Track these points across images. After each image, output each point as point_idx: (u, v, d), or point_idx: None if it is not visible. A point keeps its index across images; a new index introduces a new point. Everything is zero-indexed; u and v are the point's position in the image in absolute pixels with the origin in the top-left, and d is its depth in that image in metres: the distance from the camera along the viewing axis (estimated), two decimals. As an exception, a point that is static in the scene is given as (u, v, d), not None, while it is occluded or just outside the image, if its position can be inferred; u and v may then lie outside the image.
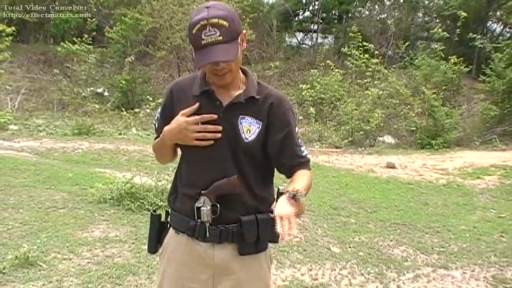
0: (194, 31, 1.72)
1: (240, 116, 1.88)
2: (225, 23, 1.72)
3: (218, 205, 1.86)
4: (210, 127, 1.85)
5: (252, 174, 1.91)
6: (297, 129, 1.97)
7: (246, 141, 1.87)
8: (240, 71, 1.93)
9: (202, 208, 1.86)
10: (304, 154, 1.97)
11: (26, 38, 16.60)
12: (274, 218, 1.94)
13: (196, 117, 1.85)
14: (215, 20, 1.70)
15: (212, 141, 1.86)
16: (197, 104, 1.87)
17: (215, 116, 1.85)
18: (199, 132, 1.85)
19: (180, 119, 1.87)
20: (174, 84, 2.03)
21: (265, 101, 1.91)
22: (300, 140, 1.98)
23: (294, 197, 1.70)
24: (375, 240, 5.28)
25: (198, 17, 1.72)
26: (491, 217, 6.37)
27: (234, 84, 1.90)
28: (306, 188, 1.83)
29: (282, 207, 1.67)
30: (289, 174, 1.94)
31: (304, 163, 1.96)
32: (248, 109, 1.89)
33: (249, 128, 1.88)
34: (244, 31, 1.87)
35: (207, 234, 1.89)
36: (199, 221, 1.89)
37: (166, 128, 1.93)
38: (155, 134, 2.06)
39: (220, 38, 1.71)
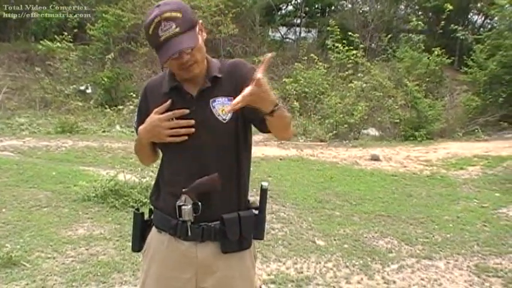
0: (151, 31, 1.75)
1: (211, 100, 1.87)
2: (178, 14, 1.74)
3: (200, 203, 1.84)
4: (182, 122, 1.84)
5: (231, 166, 1.89)
6: None
7: (225, 121, 1.86)
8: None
9: (183, 207, 1.84)
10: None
11: (7, 36, 16.39)
12: (257, 214, 1.95)
13: (168, 113, 1.85)
14: (168, 14, 1.72)
15: (186, 137, 1.85)
16: (169, 101, 1.87)
17: (187, 111, 1.85)
18: (172, 128, 1.85)
19: (153, 117, 1.87)
20: (147, 84, 2.04)
21: (228, 75, 1.91)
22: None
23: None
24: (359, 232, 5.31)
25: (151, 17, 1.74)
26: (474, 207, 6.43)
27: (201, 75, 1.89)
28: (286, 113, 1.80)
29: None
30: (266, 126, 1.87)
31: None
32: (216, 90, 1.88)
33: (224, 108, 1.86)
34: (200, 21, 1.87)
35: (189, 233, 1.87)
36: (180, 219, 1.87)
37: (141, 127, 1.93)
38: (136, 135, 2.06)
39: (177, 29, 1.73)
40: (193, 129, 1.85)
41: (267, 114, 1.72)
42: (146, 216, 2.07)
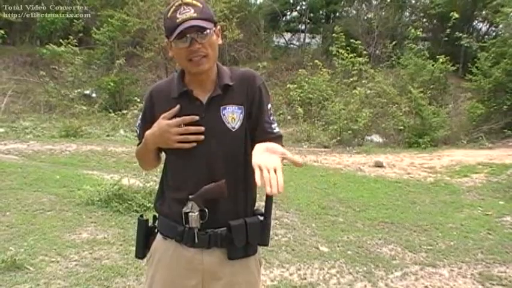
0: (169, 14, 1.77)
1: (221, 107, 1.86)
2: (198, 4, 1.78)
3: (206, 210, 1.83)
4: (192, 129, 1.83)
5: (239, 173, 1.88)
6: (269, 105, 1.94)
7: (234, 130, 1.85)
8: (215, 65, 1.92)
9: (190, 213, 1.82)
10: (275, 131, 1.91)
11: (12, 39, 16.47)
12: (263, 221, 1.94)
13: (178, 119, 1.83)
14: (189, 0, 1.76)
15: (195, 144, 1.84)
16: (178, 106, 1.86)
17: (196, 118, 1.84)
18: (181, 134, 1.83)
19: (161, 122, 1.86)
20: (153, 89, 2.01)
21: (239, 84, 1.90)
22: (271, 117, 1.93)
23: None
24: (363, 239, 5.30)
25: (173, 2, 1.78)
26: (478, 215, 6.41)
27: (210, 81, 1.89)
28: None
29: (259, 156, 1.63)
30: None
31: (274, 138, 1.86)
32: (227, 98, 1.88)
33: (233, 116, 1.86)
34: (219, 27, 1.87)
35: (196, 240, 1.86)
36: (187, 226, 1.86)
37: (148, 132, 1.91)
38: (138, 140, 2.04)
39: (195, 14, 1.75)
40: (202, 136, 1.83)
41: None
42: (150, 223, 2.06)
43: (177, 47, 1.80)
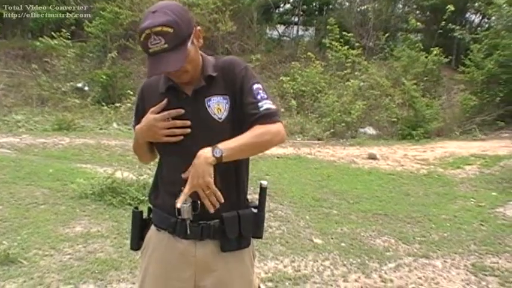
0: (142, 39, 1.71)
1: (206, 99, 1.86)
2: (169, 29, 1.68)
3: (198, 202, 1.82)
4: (179, 122, 1.84)
5: (229, 165, 1.83)
6: (255, 85, 1.88)
7: (221, 120, 1.85)
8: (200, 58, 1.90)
9: (182, 205, 1.81)
10: (262, 109, 1.84)
11: (4, 32, 16.35)
12: (256, 213, 1.94)
13: (164, 113, 1.84)
14: (158, 29, 1.67)
15: (182, 137, 1.84)
16: (165, 100, 1.86)
17: (182, 111, 1.84)
18: (168, 128, 1.84)
19: (149, 116, 1.87)
20: (144, 84, 2.03)
21: (222, 74, 1.89)
22: (259, 95, 1.87)
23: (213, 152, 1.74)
24: (357, 231, 5.32)
25: (143, 26, 1.69)
26: (471, 206, 6.45)
27: (196, 74, 1.88)
28: (237, 144, 1.77)
29: (193, 175, 1.73)
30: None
31: (260, 117, 1.83)
32: (211, 89, 1.87)
33: (219, 107, 1.86)
34: (198, 27, 1.84)
35: (188, 232, 1.86)
36: (179, 218, 1.86)
37: (137, 127, 1.94)
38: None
39: (166, 45, 1.69)
40: (189, 130, 1.84)
41: (219, 163, 1.74)
42: (145, 215, 2.07)
43: None
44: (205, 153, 1.72)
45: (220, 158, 1.72)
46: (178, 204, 1.74)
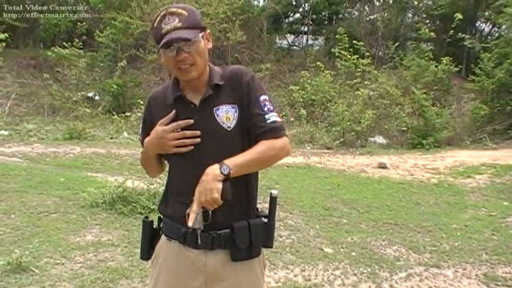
0: (156, 24, 1.82)
1: (215, 108, 1.88)
2: (183, 12, 1.81)
3: (209, 211, 1.82)
4: (188, 133, 1.85)
5: (238, 179, 1.84)
6: (262, 97, 1.90)
7: (230, 129, 1.86)
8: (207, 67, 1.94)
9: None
10: (269, 121, 1.87)
11: (16, 42, 16.50)
12: (267, 223, 1.94)
13: (173, 124, 1.86)
14: (174, 9, 1.81)
15: (192, 147, 1.86)
16: (173, 112, 1.88)
17: (191, 121, 1.86)
18: (178, 139, 1.86)
19: (158, 128, 1.89)
20: (150, 96, 2.05)
21: (229, 83, 1.91)
22: (266, 107, 1.89)
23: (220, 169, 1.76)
24: (367, 240, 5.30)
25: (159, 12, 1.83)
26: (482, 216, 6.41)
27: (203, 84, 1.91)
28: (244, 160, 1.80)
29: (200, 192, 1.76)
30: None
31: (266, 132, 1.86)
32: (218, 98, 1.89)
33: (228, 116, 1.87)
34: (208, 31, 1.90)
35: (199, 241, 1.87)
36: (190, 227, 1.86)
37: (146, 139, 1.95)
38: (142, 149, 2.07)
39: (180, 24, 1.78)
40: (198, 140, 1.85)
41: (227, 179, 1.76)
42: (155, 225, 2.07)
43: (165, 55, 1.85)
44: (214, 170, 1.74)
45: (228, 174, 1.74)
46: (190, 224, 1.75)
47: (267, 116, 1.87)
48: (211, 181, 1.72)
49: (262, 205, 2.04)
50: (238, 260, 1.90)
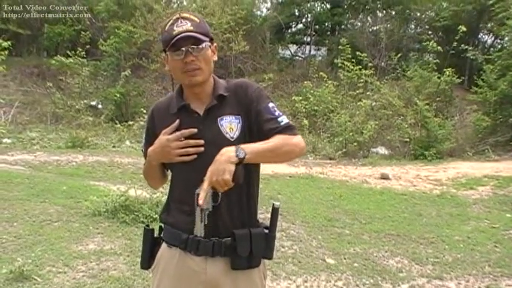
0: (167, 27, 1.86)
1: (219, 118, 1.90)
2: (196, 18, 1.87)
3: (219, 193, 1.83)
4: (192, 142, 1.87)
5: (240, 184, 1.85)
6: (270, 104, 1.93)
7: (232, 140, 1.88)
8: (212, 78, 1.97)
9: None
10: (282, 123, 1.90)
11: (19, 51, 16.59)
12: (268, 234, 1.95)
13: (177, 133, 1.88)
14: (187, 15, 1.86)
15: (195, 156, 1.87)
16: (177, 121, 1.90)
17: (195, 130, 1.88)
18: (182, 148, 1.87)
19: (161, 138, 1.91)
20: (154, 107, 2.08)
21: (234, 94, 1.94)
22: (277, 112, 1.92)
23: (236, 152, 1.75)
24: (369, 251, 5.29)
25: (171, 17, 1.88)
26: (485, 227, 6.40)
27: (207, 94, 1.94)
28: (261, 148, 1.81)
29: (212, 171, 1.74)
30: None
31: (281, 130, 1.88)
32: (223, 109, 1.92)
33: (231, 126, 1.90)
34: (215, 44, 1.94)
35: (200, 248, 1.89)
36: (191, 234, 1.89)
37: (150, 149, 1.97)
38: (144, 159, 2.09)
39: (192, 28, 1.83)
40: (202, 148, 1.87)
41: (239, 163, 1.75)
42: (156, 234, 2.08)
43: (172, 59, 1.87)
44: (229, 152, 1.74)
45: (242, 159, 1.74)
46: (201, 202, 1.74)
47: (279, 119, 1.91)
48: (225, 162, 1.72)
49: (265, 215, 2.05)
50: (237, 269, 1.91)
